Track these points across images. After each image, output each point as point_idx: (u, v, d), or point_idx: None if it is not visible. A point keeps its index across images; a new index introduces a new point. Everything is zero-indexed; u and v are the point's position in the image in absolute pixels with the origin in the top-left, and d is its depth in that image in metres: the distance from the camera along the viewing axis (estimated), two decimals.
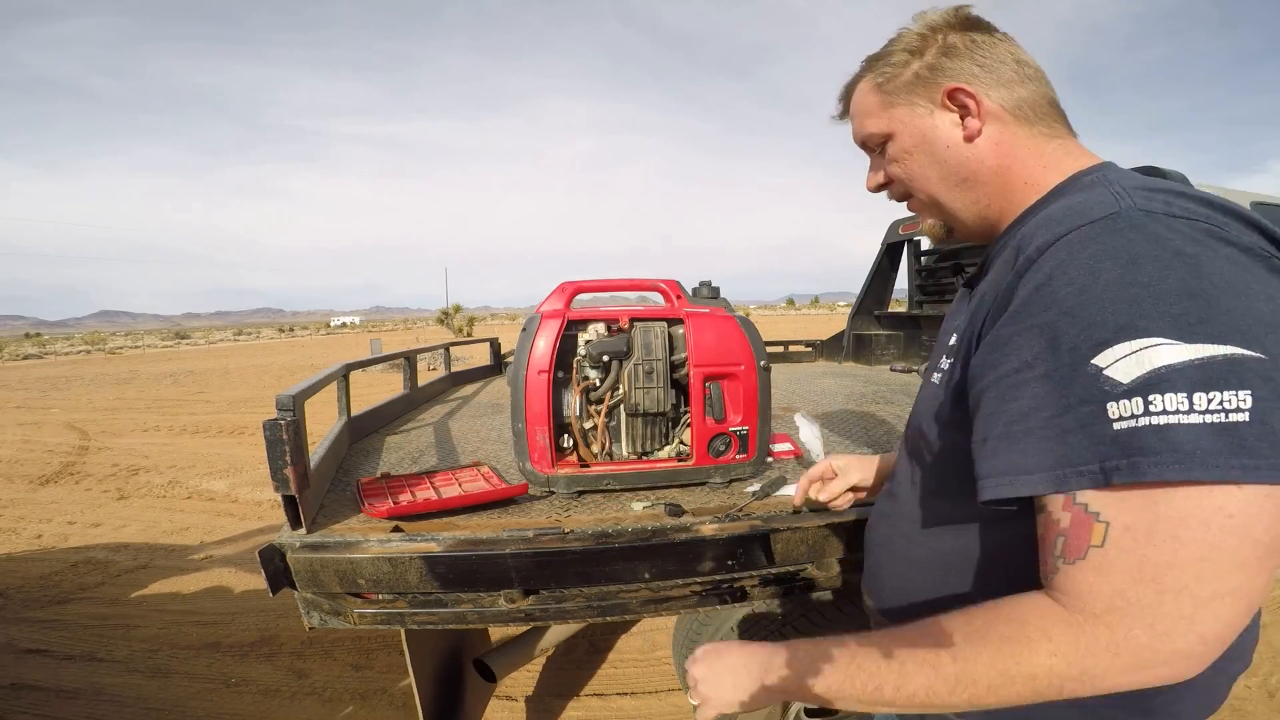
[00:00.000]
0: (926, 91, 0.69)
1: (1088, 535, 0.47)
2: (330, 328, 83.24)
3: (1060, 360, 0.48)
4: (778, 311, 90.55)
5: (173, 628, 2.85)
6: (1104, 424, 0.45)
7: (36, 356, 28.47)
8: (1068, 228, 0.53)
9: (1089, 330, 0.47)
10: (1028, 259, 0.54)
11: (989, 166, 0.68)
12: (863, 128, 0.75)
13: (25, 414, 9.62)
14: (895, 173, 0.74)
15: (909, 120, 0.71)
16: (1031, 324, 0.51)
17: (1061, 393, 0.48)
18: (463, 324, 23.80)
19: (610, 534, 1.05)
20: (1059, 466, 0.48)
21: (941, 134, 0.69)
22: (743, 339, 1.23)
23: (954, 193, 0.71)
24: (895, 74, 0.71)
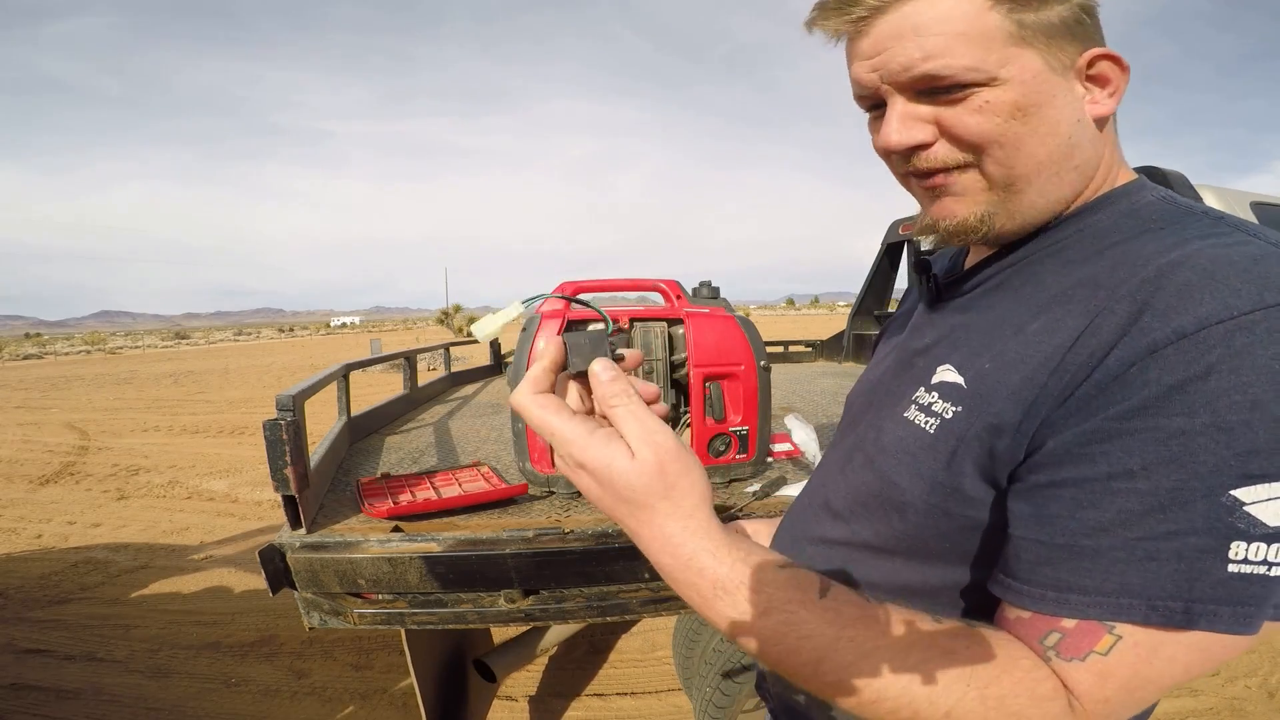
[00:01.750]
0: (1070, 46, 0.50)
1: (1093, 642, 0.43)
2: (330, 328, 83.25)
3: (1187, 478, 0.39)
4: (778, 311, 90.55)
5: (173, 628, 2.85)
6: (1217, 563, 0.38)
7: (36, 356, 28.47)
8: (1251, 304, 0.39)
9: (1247, 457, 0.38)
10: (1177, 330, 0.40)
11: (1096, 157, 0.53)
12: (949, 54, 0.49)
13: (25, 414, 9.63)
14: (982, 130, 0.50)
15: (1041, 71, 0.49)
16: (1162, 426, 0.40)
17: (1172, 515, 0.39)
18: (463, 324, 23.81)
19: (610, 534, 1.05)
20: (1125, 595, 0.41)
21: (1072, 104, 0.51)
22: (743, 339, 1.23)
23: (1052, 180, 0.52)
24: (1036, 5, 0.49)
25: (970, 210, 0.53)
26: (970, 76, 0.49)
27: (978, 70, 0.48)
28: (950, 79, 0.49)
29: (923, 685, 0.43)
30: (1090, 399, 0.43)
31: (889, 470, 0.55)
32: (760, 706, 1.36)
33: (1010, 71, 0.48)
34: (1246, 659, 2.37)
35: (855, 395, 0.70)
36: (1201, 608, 0.39)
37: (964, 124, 0.50)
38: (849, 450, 0.63)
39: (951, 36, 0.48)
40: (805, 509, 0.68)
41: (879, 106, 0.55)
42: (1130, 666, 0.42)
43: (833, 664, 0.44)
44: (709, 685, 1.42)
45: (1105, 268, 0.47)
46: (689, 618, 1.84)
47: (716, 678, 1.40)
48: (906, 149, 0.53)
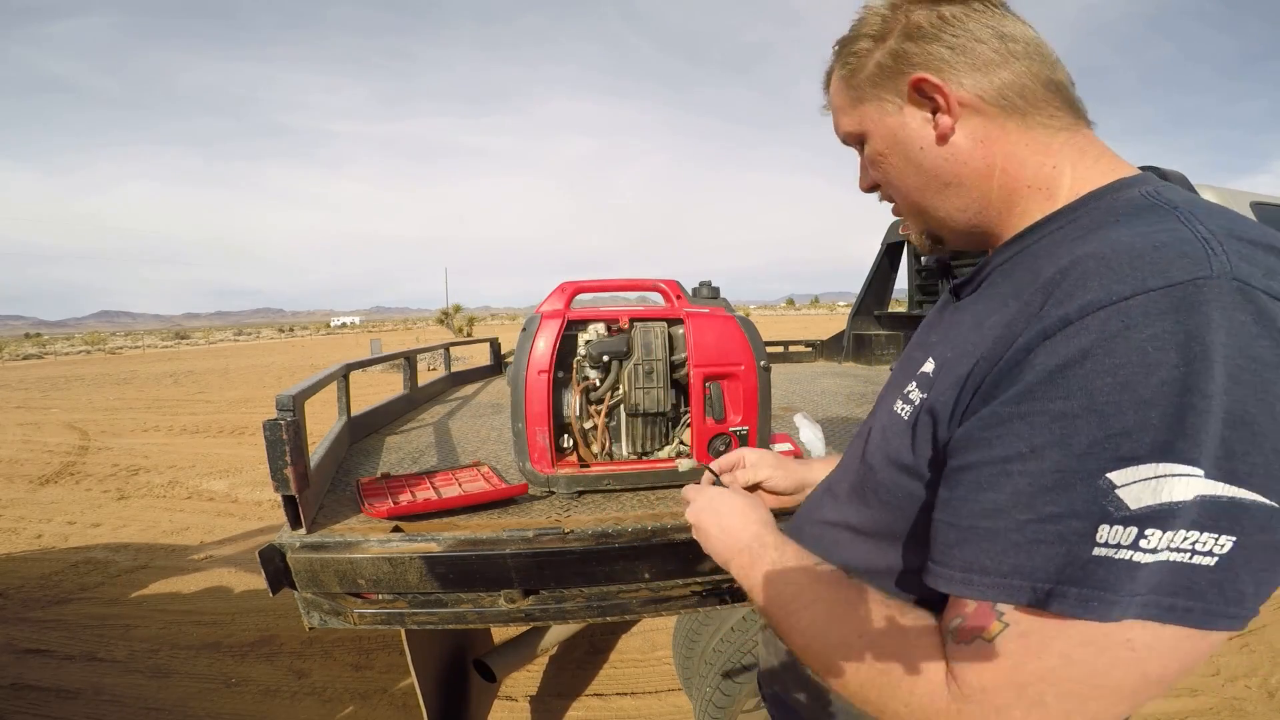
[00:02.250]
0: (892, 84, 0.57)
1: (983, 627, 0.44)
2: (330, 328, 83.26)
3: (1068, 463, 0.40)
4: (778, 311, 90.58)
5: (173, 628, 2.85)
6: (1086, 546, 0.39)
7: (36, 356, 28.47)
8: (1132, 289, 0.40)
9: (1117, 441, 0.38)
10: (1063, 317, 0.42)
11: (973, 168, 0.56)
12: (838, 125, 0.64)
13: (25, 414, 9.63)
14: (874, 177, 0.63)
15: (878, 119, 0.59)
16: (1045, 409, 0.41)
17: (1052, 499, 0.40)
18: (463, 324, 23.81)
19: (610, 534, 1.05)
20: (1013, 576, 0.42)
21: (914, 133, 0.57)
22: (743, 339, 1.23)
23: (937, 199, 0.59)
24: (859, 65, 0.59)
25: (913, 230, 0.65)
26: (848, 139, 0.64)
27: (850, 133, 0.63)
28: (848, 141, 0.65)
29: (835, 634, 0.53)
30: (995, 384, 0.45)
31: (870, 456, 0.61)
32: (760, 706, 1.37)
33: (865, 125, 0.61)
34: (1247, 659, 2.37)
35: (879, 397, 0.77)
36: (1060, 589, 0.40)
37: (870, 173, 0.64)
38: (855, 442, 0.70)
39: (837, 112, 0.64)
40: (818, 493, 0.75)
41: None
42: (1015, 656, 0.42)
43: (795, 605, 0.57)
44: (709, 685, 1.42)
45: (1045, 263, 0.49)
46: (689, 618, 1.84)
47: (716, 678, 1.40)
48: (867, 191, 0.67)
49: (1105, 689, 0.40)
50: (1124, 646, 0.39)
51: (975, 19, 0.55)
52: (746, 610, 1.43)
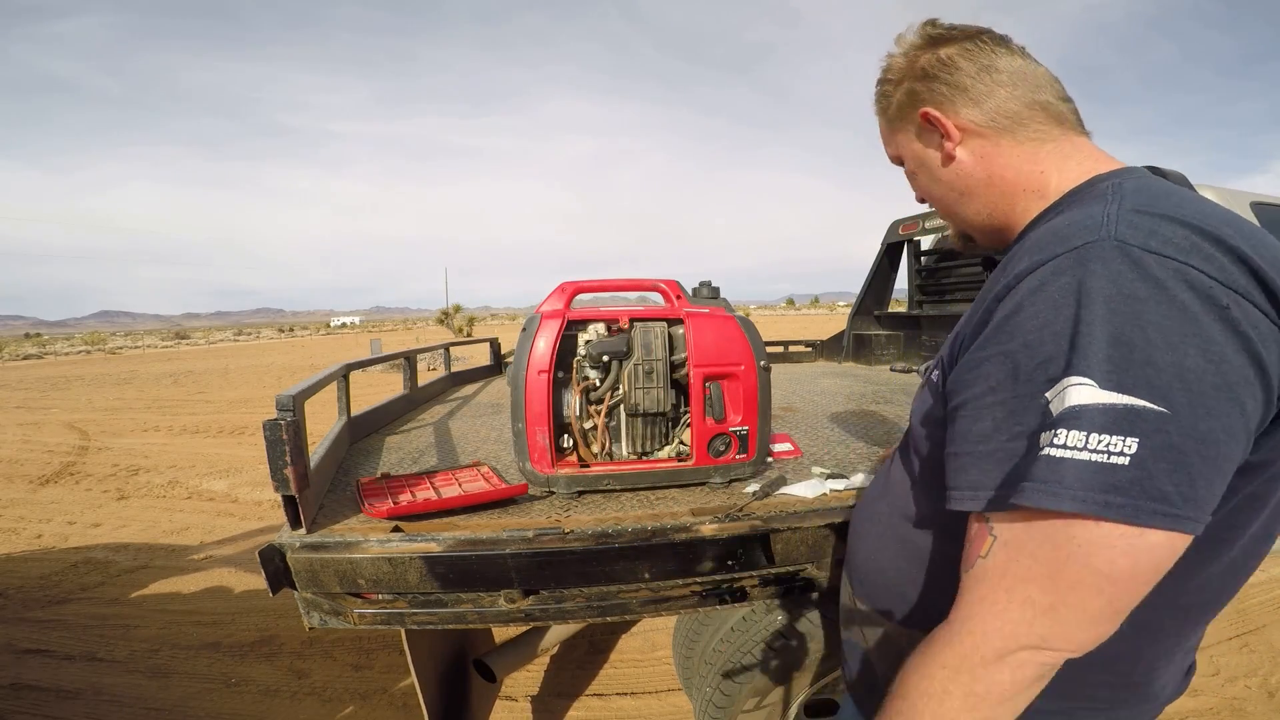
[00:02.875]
0: (910, 117, 0.74)
1: (980, 547, 0.54)
2: (330, 328, 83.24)
3: (1019, 390, 0.52)
4: (778, 311, 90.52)
5: (173, 628, 2.85)
6: (1034, 452, 0.50)
7: (36, 356, 28.47)
8: (1048, 255, 0.54)
9: (1043, 365, 0.50)
10: (1006, 285, 0.56)
11: (978, 180, 0.71)
12: (886, 149, 0.82)
13: (25, 414, 9.63)
14: (915, 189, 0.81)
15: (906, 145, 0.77)
16: (999, 350, 0.54)
17: (1015, 420, 0.52)
18: (463, 324, 23.80)
19: (610, 534, 1.05)
20: (996, 487, 0.52)
21: (929, 156, 0.74)
22: (743, 339, 1.23)
23: (958, 206, 0.75)
24: (888, 104, 0.77)
25: (953, 230, 0.82)
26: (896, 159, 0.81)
27: (892, 156, 0.81)
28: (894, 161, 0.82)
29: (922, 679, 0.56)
30: (970, 338, 0.59)
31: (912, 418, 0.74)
32: (760, 706, 1.37)
33: (899, 150, 0.79)
34: (1246, 659, 2.37)
35: None
36: (1022, 485, 0.49)
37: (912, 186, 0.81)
38: None
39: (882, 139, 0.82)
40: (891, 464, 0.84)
41: None
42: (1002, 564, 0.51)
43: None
44: (709, 685, 1.42)
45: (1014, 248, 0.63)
46: (689, 618, 1.84)
47: (716, 678, 1.40)
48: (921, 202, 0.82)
49: (1070, 582, 0.48)
50: (1071, 542, 0.48)
51: (967, 58, 0.69)
52: (746, 610, 1.43)
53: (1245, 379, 0.46)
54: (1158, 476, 0.45)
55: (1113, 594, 0.48)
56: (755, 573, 1.11)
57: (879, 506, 0.80)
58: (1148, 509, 0.46)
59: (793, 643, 1.31)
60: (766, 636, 1.35)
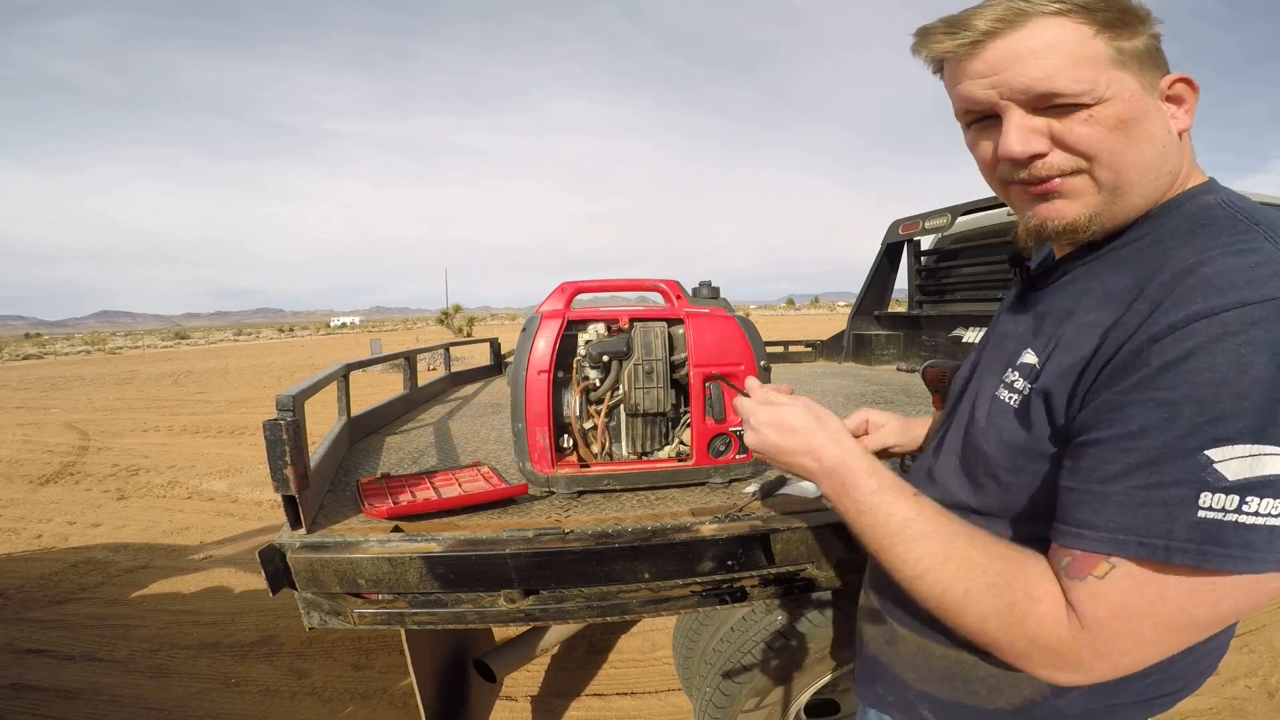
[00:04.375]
0: (1157, 70, 0.59)
1: (1092, 567, 0.52)
2: (330, 328, 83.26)
3: (1170, 439, 0.48)
4: (778, 311, 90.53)
5: (173, 628, 2.85)
6: (1189, 510, 0.47)
7: (36, 356, 28.47)
8: (1232, 302, 0.48)
9: (1215, 424, 0.46)
10: (1170, 324, 0.50)
11: (1179, 165, 0.61)
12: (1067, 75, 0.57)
13: (25, 414, 9.63)
14: (1091, 141, 0.58)
15: (1136, 90, 0.58)
16: (1154, 397, 0.49)
17: (1158, 469, 0.48)
18: (463, 324, 23.80)
19: (610, 534, 1.05)
20: (1122, 532, 0.50)
21: (1161, 118, 0.59)
22: (743, 339, 1.23)
23: (1149, 184, 0.60)
24: (1130, 32, 0.58)
25: (1079, 211, 0.61)
26: (1084, 95, 0.57)
27: (1090, 90, 0.57)
28: (1068, 96, 0.57)
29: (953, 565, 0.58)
30: (1111, 377, 0.53)
31: (980, 440, 0.68)
32: (760, 706, 1.37)
33: (1113, 90, 0.57)
34: (1246, 659, 2.37)
35: (958, 379, 0.83)
36: (1177, 545, 0.48)
37: (1076, 134, 0.58)
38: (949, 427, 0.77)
39: (1067, 59, 0.57)
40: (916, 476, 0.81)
41: (983, 120, 0.63)
42: (1121, 593, 0.50)
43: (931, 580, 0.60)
44: (709, 685, 1.42)
45: (1146, 272, 0.57)
46: (689, 618, 1.84)
47: (716, 678, 1.40)
48: (1024, 157, 0.60)
49: (1188, 624, 0.49)
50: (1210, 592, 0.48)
51: None
52: (746, 610, 1.43)
53: None
54: None
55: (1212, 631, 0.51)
56: (755, 573, 1.10)
57: None
58: None
59: (793, 643, 1.31)
60: (766, 636, 1.35)
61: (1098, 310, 0.58)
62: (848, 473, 0.67)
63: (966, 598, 0.57)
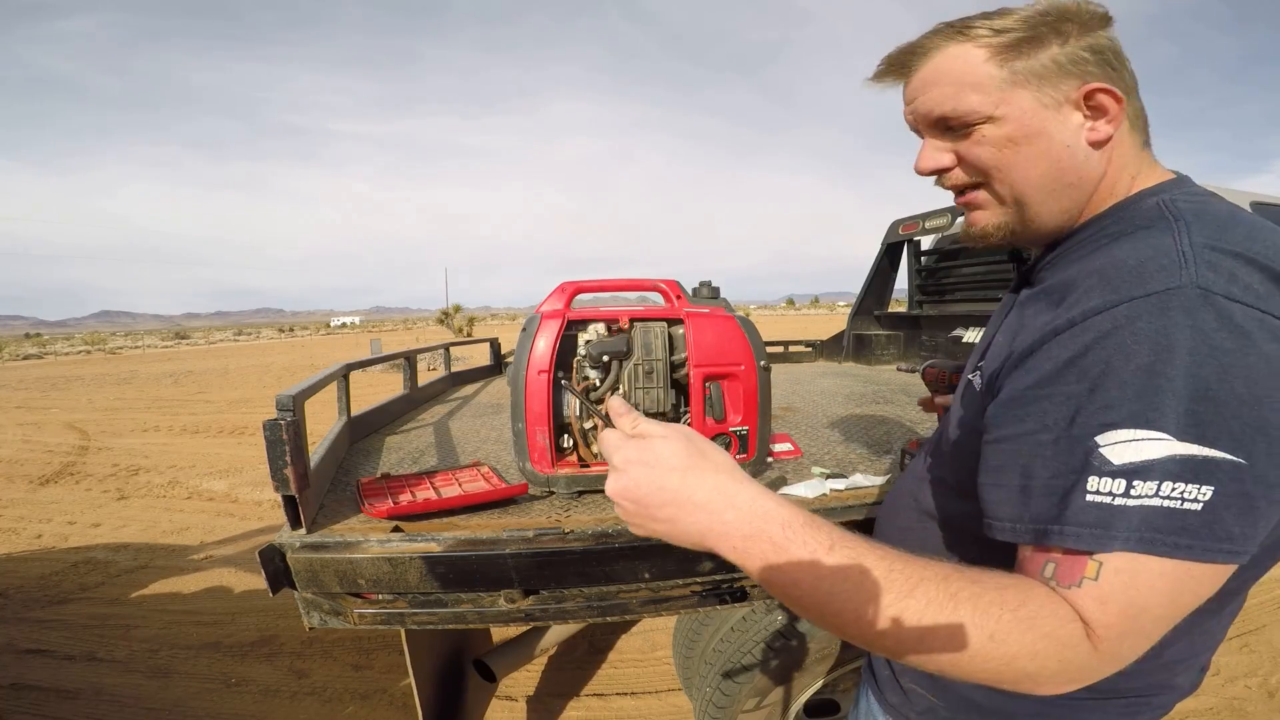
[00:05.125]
0: (1064, 83, 0.60)
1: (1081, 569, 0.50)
2: (330, 328, 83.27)
3: (1072, 431, 0.51)
4: (778, 311, 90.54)
5: (173, 628, 2.85)
6: (1080, 493, 0.50)
7: (36, 356, 28.48)
8: (1121, 297, 0.51)
9: (1103, 411, 0.49)
10: (1070, 320, 0.53)
11: (1095, 174, 0.63)
12: (955, 100, 0.63)
13: (25, 414, 9.63)
14: (981, 159, 0.64)
15: (1031, 108, 0.61)
16: (1059, 391, 0.52)
17: (1061, 460, 0.51)
18: (463, 324, 23.80)
19: (610, 534, 1.05)
20: (1035, 522, 0.53)
21: (1064, 132, 0.61)
22: (743, 339, 1.23)
23: (1049, 195, 0.64)
24: (1028, 52, 0.61)
25: (988, 220, 0.68)
26: (971, 117, 0.63)
27: (976, 112, 0.62)
28: (955, 119, 0.64)
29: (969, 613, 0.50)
30: (1013, 370, 0.57)
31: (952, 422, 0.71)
32: (760, 706, 1.37)
33: (1004, 110, 0.62)
34: (1246, 659, 2.37)
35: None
36: (1067, 529, 0.50)
37: (971, 154, 0.65)
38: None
39: (955, 86, 0.63)
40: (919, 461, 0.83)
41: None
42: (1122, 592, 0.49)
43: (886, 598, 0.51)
44: (709, 685, 1.42)
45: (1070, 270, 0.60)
46: (689, 618, 1.84)
47: (716, 678, 1.40)
48: (928, 173, 0.69)
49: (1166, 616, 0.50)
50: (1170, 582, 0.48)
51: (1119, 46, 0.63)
52: (746, 610, 1.43)
53: None
54: (1227, 520, 0.47)
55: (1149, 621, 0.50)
56: None
57: (904, 501, 0.81)
58: (1213, 549, 0.47)
59: (793, 643, 1.31)
60: (766, 636, 1.35)
61: (1036, 304, 0.62)
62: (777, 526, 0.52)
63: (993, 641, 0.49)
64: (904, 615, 0.50)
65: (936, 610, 0.50)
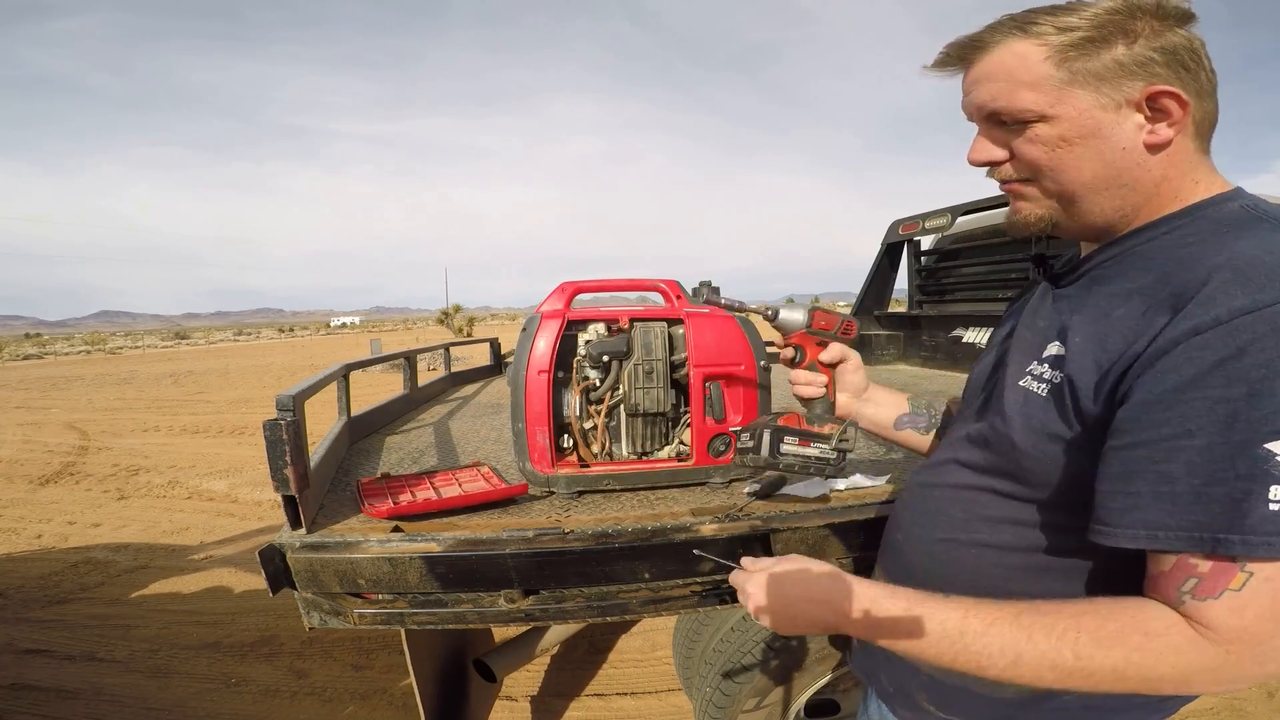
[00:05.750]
0: (1125, 85, 0.60)
1: (1227, 580, 0.51)
2: (330, 328, 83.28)
3: (1231, 437, 0.49)
4: None
5: (173, 628, 2.86)
6: (1261, 502, 0.48)
7: (36, 356, 28.48)
8: (1273, 298, 0.50)
9: (1272, 416, 0.48)
10: (1215, 319, 0.51)
11: (1153, 176, 0.62)
12: (1009, 97, 0.64)
13: (25, 414, 9.63)
14: (1033, 156, 0.65)
15: (1087, 109, 0.61)
16: (1208, 396, 0.50)
17: (1221, 466, 0.50)
18: (463, 324, 23.80)
19: (610, 534, 1.05)
20: (1200, 530, 0.51)
21: (1122, 134, 0.61)
22: (743, 339, 1.23)
23: (1100, 195, 0.64)
24: (1091, 52, 0.60)
25: (1032, 211, 0.68)
26: (1024, 115, 0.63)
27: (1029, 110, 0.63)
28: (1009, 115, 0.65)
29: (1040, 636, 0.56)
30: (1145, 371, 0.55)
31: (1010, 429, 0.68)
32: (760, 707, 1.37)
33: (1059, 109, 0.62)
34: None
35: (976, 374, 0.84)
36: (1250, 538, 0.49)
37: (1021, 150, 0.65)
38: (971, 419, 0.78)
39: (1010, 83, 0.63)
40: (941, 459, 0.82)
41: None
42: (1267, 598, 0.50)
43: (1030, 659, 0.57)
44: (709, 685, 1.42)
45: (1174, 267, 0.58)
46: (689, 618, 1.84)
47: (716, 678, 1.41)
48: (978, 164, 0.69)
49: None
50: None
51: (1204, 50, 0.61)
52: (746, 610, 1.44)
53: None
54: None
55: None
56: None
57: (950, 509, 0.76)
58: None
59: (793, 643, 1.31)
60: (766, 637, 1.35)
61: (1124, 304, 0.60)
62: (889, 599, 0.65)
63: (1079, 660, 0.55)
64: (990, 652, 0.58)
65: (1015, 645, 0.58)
